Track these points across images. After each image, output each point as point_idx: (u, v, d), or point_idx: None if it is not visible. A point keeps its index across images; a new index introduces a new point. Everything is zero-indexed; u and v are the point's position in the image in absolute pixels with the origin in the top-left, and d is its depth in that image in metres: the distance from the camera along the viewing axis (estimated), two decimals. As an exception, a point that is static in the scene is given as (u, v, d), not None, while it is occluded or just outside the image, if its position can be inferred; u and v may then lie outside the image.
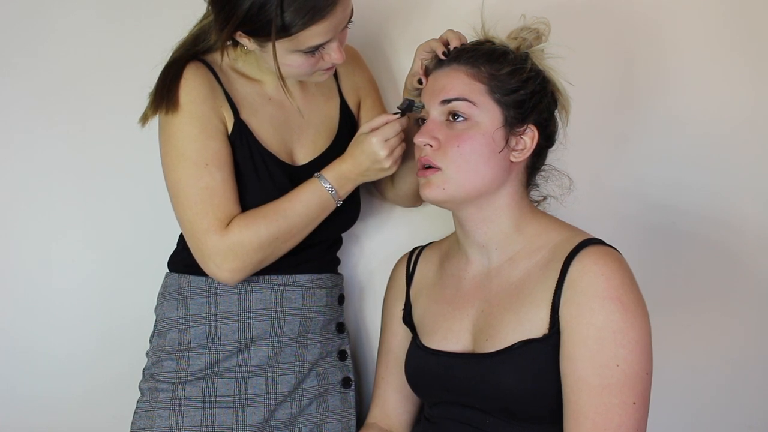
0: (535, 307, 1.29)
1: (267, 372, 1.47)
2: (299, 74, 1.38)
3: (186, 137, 1.37)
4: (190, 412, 1.44)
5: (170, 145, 1.38)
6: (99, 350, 1.75)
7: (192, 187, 1.36)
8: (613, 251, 1.29)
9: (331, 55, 1.35)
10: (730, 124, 1.63)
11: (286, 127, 1.48)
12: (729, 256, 1.65)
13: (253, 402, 1.46)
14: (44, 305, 1.75)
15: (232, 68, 1.46)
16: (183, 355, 1.46)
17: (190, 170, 1.36)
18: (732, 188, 1.64)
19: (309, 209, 1.40)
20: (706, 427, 1.68)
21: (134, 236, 1.74)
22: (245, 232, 1.36)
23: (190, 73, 1.39)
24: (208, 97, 1.39)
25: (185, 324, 1.46)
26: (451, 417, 1.37)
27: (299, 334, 1.49)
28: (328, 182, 1.40)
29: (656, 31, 1.63)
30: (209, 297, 1.46)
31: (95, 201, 1.74)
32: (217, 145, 1.39)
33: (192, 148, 1.37)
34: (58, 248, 1.75)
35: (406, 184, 1.57)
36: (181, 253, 1.50)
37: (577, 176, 1.46)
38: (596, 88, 1.63)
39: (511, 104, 1.33)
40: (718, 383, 1.68)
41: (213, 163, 1.37)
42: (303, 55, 1.33)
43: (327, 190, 1.40)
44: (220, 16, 1.32)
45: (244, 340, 1.46)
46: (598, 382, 1.21)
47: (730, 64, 1.62)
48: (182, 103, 1.37)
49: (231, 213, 1.38)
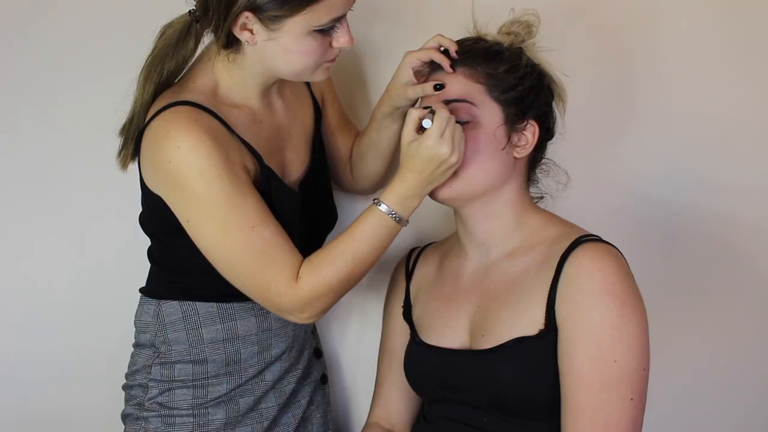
0: (531, 304, 1.29)
1: (276, 385, 1.47)
2: (306, 66, 1.29)
3: (222, 206, 1.25)
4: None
5: (206, 218, 1.26)
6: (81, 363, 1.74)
7: (247, 257, 1.27)
8: (610, 248, 1.29)
9: (341, 39, 1.27)
10: (726, 118, 1.63)
11: (277, 145, 1.41)
12: (726, 252, 1.65)
13: (266, 416, 1.45)
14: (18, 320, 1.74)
15: (217, 98, 1.33)
16: (200, 384, 1.41)
17: (239, 240, 1.26)
18: (728, 183, 1.64)
19: (375, 244, 1.30)
20: (703, 424, 1.69)
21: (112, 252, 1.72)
22: (315, 286, 1.27)
23: (198, 129, 1.25)
24: (228, 151, 1.27)
25: (200, 354, 1.40)
26: (449, 415, 1.37)
27: (302, 345, 1.50)
28: (388, 207, 1.28)
29: (651, 25, 1.63)
30: (224, 323, 1.40)
31: (72, 213, 1.73)
32: (254, 201, 1.27)
33: (232, 216, 1.25)
34: (29, 263, 1.74)
35: (364, 171, 1.56)
36: (169, 279, 1.42)
37: (574, 172, 1.45)
38: (591, 84, 1.62)
39: (510, 101, 1.33)
40: (716, 379, 1.68)
41: (258, 222, 1.27)
42: (317, 38, 1.24)
43: (392, 219, 1.29)
44: (223, 1, 1.21)
45: (264, 361, 1.44)
46: (596, 378, 1.21)
47: (726, 59, 1.62)
48: (205, 169, 1.24)
49: (294, 264, 1.28)
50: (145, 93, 1.34)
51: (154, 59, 1.34)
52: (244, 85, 1.35)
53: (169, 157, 1.25)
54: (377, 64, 1.67)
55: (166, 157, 1.25)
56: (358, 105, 1.69)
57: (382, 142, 1.50)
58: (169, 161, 1.25)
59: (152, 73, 1.33)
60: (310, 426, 1.53)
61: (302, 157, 1.46)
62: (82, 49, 1.68)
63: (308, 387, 1.53)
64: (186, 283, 1.39)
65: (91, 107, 1.63)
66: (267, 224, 1.28)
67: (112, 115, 1.37)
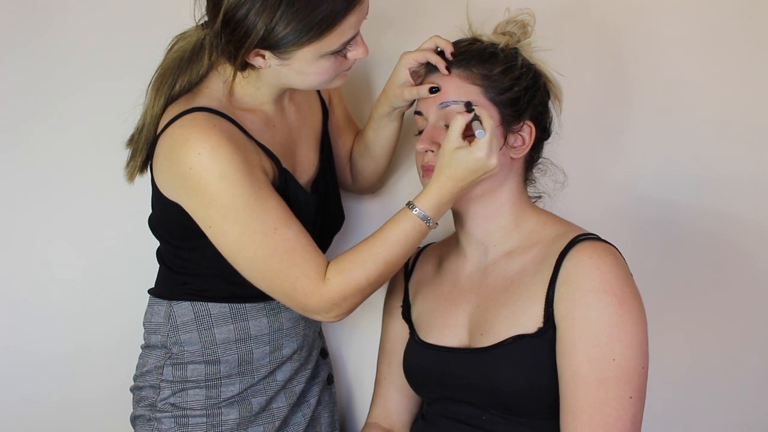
0: (529, 302, 1.29)
1: (287, 385, 1.47)
2: (323, 82, 1.30)
3: (244, 210, 1.25)
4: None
5: (228, 222, 1.26)
6: (84, 358, 1.74)
7: (271, 259, 1.27)
8: (608, 246, 1.29)
9: (356, 51, 1.27)
10: (725, 117, 1.63)
11: (289, 147, 1.42)
12: (725, 251, 1.65)
13: (278, 416, 1.46)
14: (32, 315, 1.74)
15: (231, 105, 1.34)
16: (213, 384, 1.41)
17: (262, 242, 1.26)
18: (727, 182, 1.64)
19: (405, 249, 1.30)
20: (702, 423, 1.69)
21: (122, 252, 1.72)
22: (344, 286, 1.28)
23: (218, 135, 1.25)
24: (247, 155, 1.28)
25: (213, 354, 1.41)
26: (448, 414, 1.37)
27: (311, 345, 1.51)
28: (424, 213, 1.28)
29: (649, 23, 1.63)
30: (236, 323, 1.40)
31: (86, 213, 1.73)
32: (275, 203, 1.28)
33: (254, 219, 1.26)
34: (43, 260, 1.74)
35: (363, 172, 1.58)
36: (180, 281, 1.41)
37: (571, 171, 1.46)
38: (589, 83, 1.62)
39: (506, 102, 1.33)
40: (715, 379, 1.68)
41: (280, 224, 1.27)
42: (331, 58, 1.25)
43: (425, 224, 1.29)
44: (235, 37, 1.21)
45: (276, 361, 1.44)
46: (595, 377, 1.21)
47: (725, 57, 1.62)
48: (227, 173, 1.24)
49: (320, 264, 1.28)
50: (156, 105, 1.34)
51: (165, 71, 1.34)
52: (258, 92, 1.36)
53: (189, 164, 1.25)
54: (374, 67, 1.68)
55: (186, 164, 1.25)
56: (357, 107, 1.70)
57: (379, 142, 1.51)
58: (189, 167, 1.25)
59: (163, 85, 1.33)
60: (318, 426, 1.54)
61: (312, 159, 1.47)
62: (91, 53, 1.69)
63: (316, 387, 1.53)
64: (198, 284, 1.39)
65: (104, 108, 1.63)
66: (289, 225, 1.28)
67: (123, 116, 1.38)
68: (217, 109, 1.29)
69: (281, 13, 1.18)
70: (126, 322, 1.61)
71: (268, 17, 1.18)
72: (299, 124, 1.45)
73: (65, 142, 1.70)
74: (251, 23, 1.19)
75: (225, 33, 1.22)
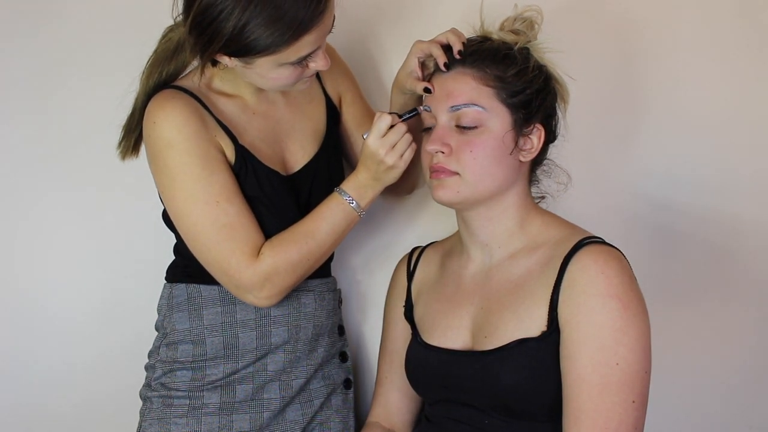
0: (534, 305, 1.29)
1: (282, 377, 1.47)
2: (284, 86, 1.37)
3: (189, 178, 1.34)
4: (207, 419, 1.43)
5: (175, 189, 1.35)
6: (98, 361, 1.74)
7: (210, 229, 1.34)
8: (613, 250, 1.29)
9: (316, 63, 1.34)
10: (732, 121, 1.62)
11: (274, 137, 1.46)
12: (729, 255, 1.64)
13: (268, 407, 1.46)
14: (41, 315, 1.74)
15: (209, 88, 1.42)
16: (198, 366, 1.44)
17: (203, 211, 1.34)
18: (732, 186, 1.63)
19: (335, 226, 1.38)
20: (705, 427, 1.69)
21: (134, 244, 1.73)
22: (276, 260, 1.35)
23: (173, 106, 1.35)
24: (200, 128, 1.36)
25: (199, 335, 1.44)
26: (450, 416, 1.37)
27: (312, 339, 1.50)
28: (348, 195, 1.38)
29: (658, 26, 1.62)
30: (224, 306, 1.44)
31: (91, 209, 1.73)
32: (222, 178, 1.36)
33: (198, 188, 1.34)
34: (53, 255, 1.74)
35: None
36: (183, 264, 1.47)
37: (577, 174, 1.45)
38: (597, 85, 1.62)
39: (519, 105, 1.32)
40: (718, 382, 1.68)
41: (223, 198, 1.34)
42: (290, 67, 1.31)
43: (348, 203, 1.38)
44: (201, 40, 1.28)
45: (263, 348, 1.45)
46: (598, 381, 1.21)
47: (734, 60, 1.61)
48: (175, 141, 1.34)
49: (256, 243, 1.36)
50: (145, 91, 1.43)
51: (155, 60, 1.43)
52: (236, 83, 1.44)
53: (148, 132, 1.37)
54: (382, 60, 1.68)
55: (146, 134, 1.37)
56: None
57: None
58: (148, 135, 1.37)
59: (153, 73, 1.43)
60: (327, 431, 1.53)
61: (307, 150, 1.49)
62: (90, 47, 1.70)
63: (325, 389, 1.52)
64: (194, 266, 1.42)
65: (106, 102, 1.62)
66: (232, 202, 1.35)
67: (125, 109, 1.44)
68: (187, 88, 1.39)
69: (243, 24, 1.24)
70: (131, 330, 1.65)
71: (232, 26, 1.25)
72: (291, 116, 1.49)
73: (75, 145, 1.72)
74: (215, 30, 1.26)
75: (193, 35, 1.30)
